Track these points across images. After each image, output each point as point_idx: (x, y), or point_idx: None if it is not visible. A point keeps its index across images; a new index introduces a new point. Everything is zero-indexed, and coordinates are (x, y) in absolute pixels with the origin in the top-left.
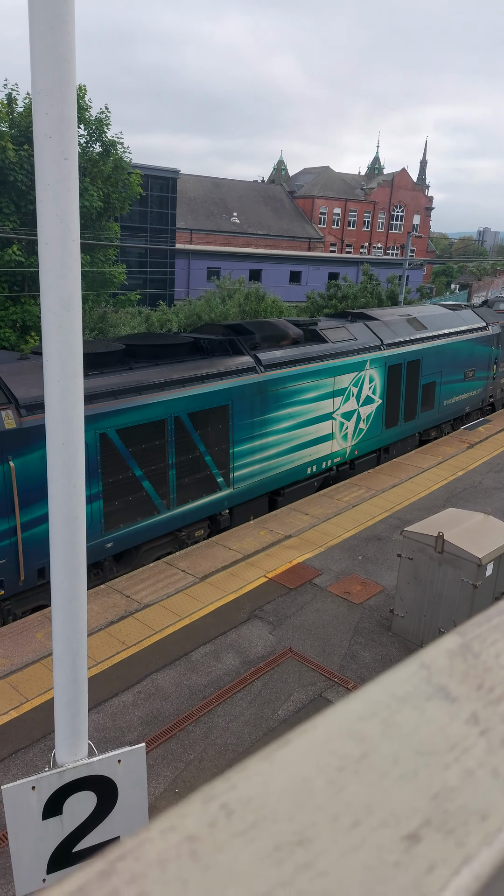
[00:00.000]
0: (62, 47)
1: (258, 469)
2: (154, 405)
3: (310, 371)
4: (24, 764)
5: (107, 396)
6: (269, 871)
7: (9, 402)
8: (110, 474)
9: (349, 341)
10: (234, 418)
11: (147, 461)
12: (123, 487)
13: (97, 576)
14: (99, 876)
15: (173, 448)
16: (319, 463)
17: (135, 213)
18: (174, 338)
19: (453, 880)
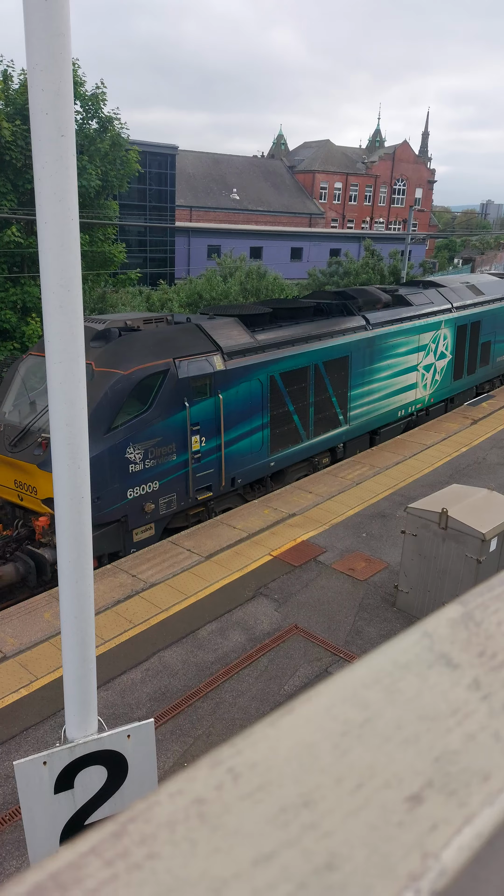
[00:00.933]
0: (57, 21)
1: (365, 411)
2: (301, 355)
3: (402, 329)
4: (35, 740)
5: (271, 348)
6: (276, 831)
7: (217, 350)
8: (273, 409)
9: (428, 304)
10: (351, 367)
11: (296, 399)
12: (281, 419)
13: (259, 490)
14: (111, 837)
15: (312, 390)
16: (406, 408)
17: (133, 191)
18: (303, 302)
19: (455, 839)
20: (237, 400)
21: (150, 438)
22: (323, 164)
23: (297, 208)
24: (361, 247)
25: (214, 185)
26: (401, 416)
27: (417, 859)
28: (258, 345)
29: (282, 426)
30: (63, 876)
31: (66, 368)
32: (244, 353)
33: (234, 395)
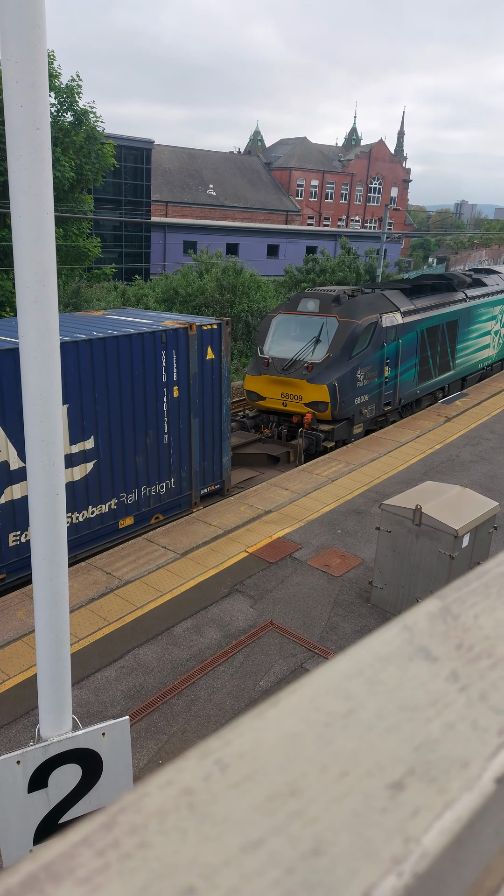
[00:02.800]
0: (31, 12)
1: (462, 361)
2: (436, 316)
3: (484, 303)
4: (8, 740)
5: (422, 311)
6: (263, 819)
7: (397, 309)
8: (420, 353)
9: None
10: (458, 328)
11: (432, 348)
12: (423, 361)
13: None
14: (101, 827)
15: (438, 342)
16: (483, 362)
17: (108, 185)
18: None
19: (436, 823)
20: (406, 345)
21: (366, 366)
22: (300, 161)
23: (273, 205)
24: (338, 244)
25: (190, 180)
26: (479, 368)
27: (400, 843)
28: (415, 308)
29: (424, 366)
30: (55, 866)
31: (40, 364)
32: (410, 313)
33: (405, 341)
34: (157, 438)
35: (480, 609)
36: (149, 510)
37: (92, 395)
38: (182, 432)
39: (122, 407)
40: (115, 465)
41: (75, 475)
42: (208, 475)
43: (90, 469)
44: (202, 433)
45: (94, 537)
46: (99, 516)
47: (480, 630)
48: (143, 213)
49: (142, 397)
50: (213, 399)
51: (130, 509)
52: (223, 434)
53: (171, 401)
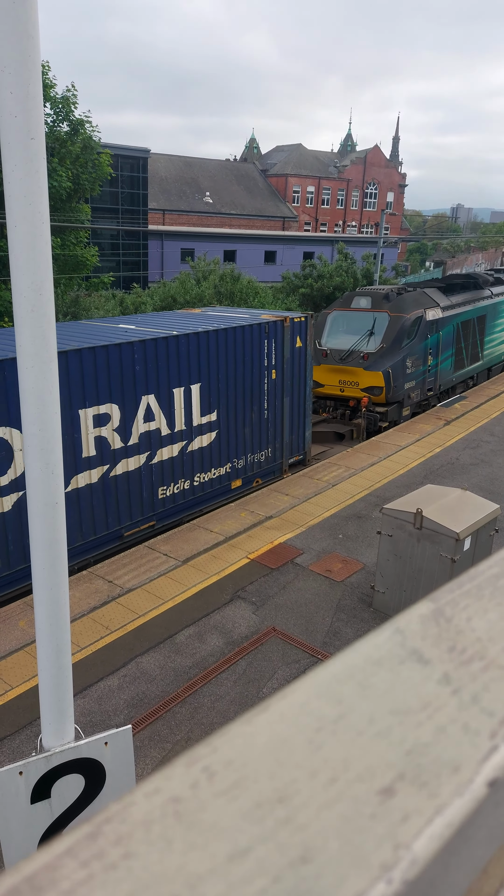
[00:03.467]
0: (24, 23)
1: (489, 352)
2: (468, 311)
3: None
4: (11, 751)
5: (456, 306)
6: (251, 826)
7: (437, 305)
8: (455, 344)
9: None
10: (486, 322)
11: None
12: (458, 352)
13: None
14: (86, 838)
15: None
16: None
17: (105, 195)
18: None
19: (426, 829)
20: (444, 337)
21: (413, 355)
22: (295, 167)
23: (270, 212)
24: (335, 250)
25: (187, 188)
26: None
27: (390, 850)
28: (451, 304)
29: (458, 356)
30: (38, 878)
31: (38, 372)
32: (447, 308)
33: (444, 333)
34: (259, 414)
35: (473, 611)
36: (252, 474)
37: (216, 376)
38: (277, 409)
39: (236, 386)
40: (231, 434)
41: (203, 442)
42: (295, 447)
43: (213, 437)
44: (291, 410)
45: (214, 495)
46: (217, 478)
47: (473, 632)
48: (140, 222)
49: (249, 379)
50: (300, 381)
51: (239, 473)
52: (306, 411)
53: (269, 382)
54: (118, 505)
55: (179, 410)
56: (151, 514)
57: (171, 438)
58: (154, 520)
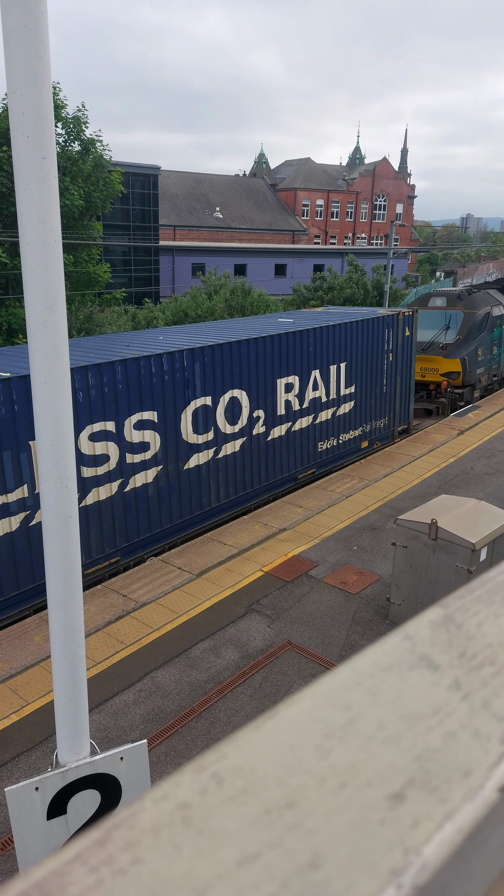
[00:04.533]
0: (36, 45)
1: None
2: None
3: None
4: (28, 766)
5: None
6: (259, 832)
7: (500, 303)
8: None
9: None
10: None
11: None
12: None
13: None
14: (95, 844)
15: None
16: None
17: (117, 212)
18: None
19: (436, 834)
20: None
21: (483, 346)
22: (304, 181)
23: (279, 225)
24: (345, 262)
25: (197, 204)
26: None
27: (399, 855)
28: None
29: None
30: (47, 884)
31: (51, 388)
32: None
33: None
34: (380, 388)
35: (484, 617)
36: (374, 437)
37: (355, 357)
38: (391, 385)
39: (367, 366)
40: (362, 404)
41: (345, 409)
42: (401, 417)
43: (352, 406)
44: (401, 387)
45: (350, 453)
46: (353, 439)
47: (483, 638)
48: (151, 238)
49: (375, 360)
50: (407, 363)
51: (366, 436)
52: (411, 388)
53: (388, 363)
54: (295, 453)
55: (333, 382)
56: (313, 462)
57: (327, 404)
58: (314, 467)
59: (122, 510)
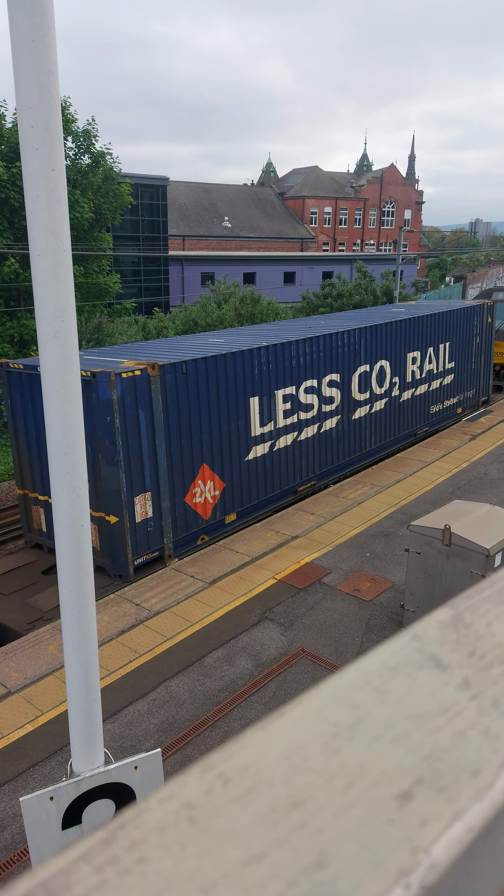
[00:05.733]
0: (44, 59)
1: None
2: None
3: None
4: (43, 777)
5: None
6: (266, 831)
7: None
8: None
9: None
10: None
11: None
12: None
13: None
14: (100, 843)
15: None
16: None
17: (126, 223)
18: None
19: (445, 833)
20: None
21: None
22: (312, 189)
23: (288, 233)
24: (353, 269)
25: (206, 213)
26: None
27: (407, 854)
28: None
29: None
30: (53, 883)
31: (62, 397)
32: None
33: None
34: (471, 365)
35: (493, 616)
36: (465, 405)
37: (454, 338)
38: (478, 363)
39: (462, 346)
40: (458, 377)
41: (448, 380)
42: (483, 390)
43: (451, 378)
44: (483, 365)
45: (449, 416)
46: (451, 406)
47: (493, 637)
48: (160, 248)
49: (468, 341)
50: (488, 345)
51: (460, 403)
52: (490, 367)
53: (475, 344)
54: (416, 413)
55: (441, 358)
56: (426, 423)
57: (437, 375)
58: (427, 426)
59: (318, 446)
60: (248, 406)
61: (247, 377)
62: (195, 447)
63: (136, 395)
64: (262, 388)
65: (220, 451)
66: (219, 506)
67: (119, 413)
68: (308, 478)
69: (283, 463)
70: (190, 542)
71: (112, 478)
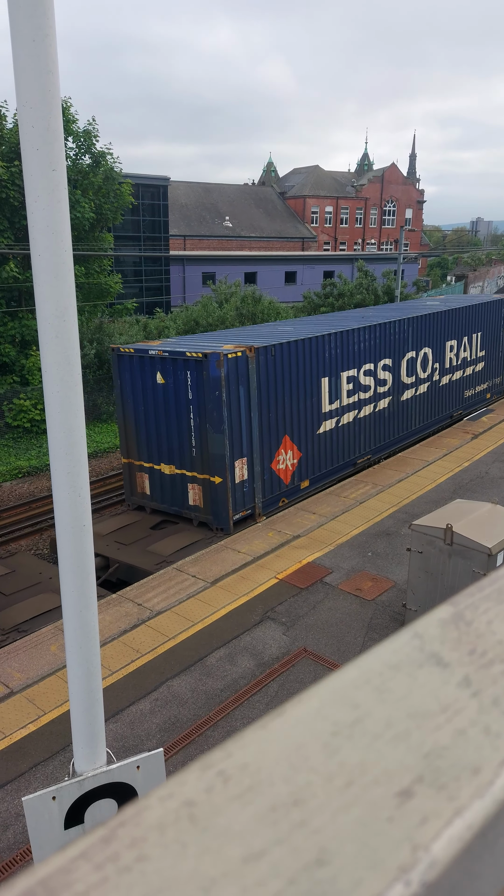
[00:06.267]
0: (45, 59)
1: None
2: None
3: None
4: (45, 777)
5: None
6: (265, 830)
7: None
8: None
9: None
10: None
11: None
12: None
13: None
14: (100, 841)
15: None
16: None
17: (127, 223)
18: None
19: (445, 831)
20: None
21: None
22: (313, 189)
23: (289, 233)
24: (355, 268)
25: (207, 213)
26: None
27: (408, 852)
28: None
29: None
30: (52, 881)
31: (63, 397)
32: None
33: None
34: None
35: (494, 614)
36: (492, 392)
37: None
38: None
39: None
40: (489, 365)
41: (479, 367)
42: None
43: (482, 366)
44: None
45: (478, 401)
46: (481, 391)
47: (494, 635)
48: (161, 248)
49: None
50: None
51: (488, 391)
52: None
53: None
54: (453, 397)
55: (475, 346)
56: (461, 406)
57: (471, 362)
58: (461, 409)
59: (374, 423)
60: (320, 385)
61: (320, 359)
62: (279, 420)
63: (237, 373)
64: (331, 370)
65: (297, 424)
66: (296, 473)
67: (225, 388)
68: (365, 452)
69: (346, 437)
70: (273, 503)
71: (218, 444)
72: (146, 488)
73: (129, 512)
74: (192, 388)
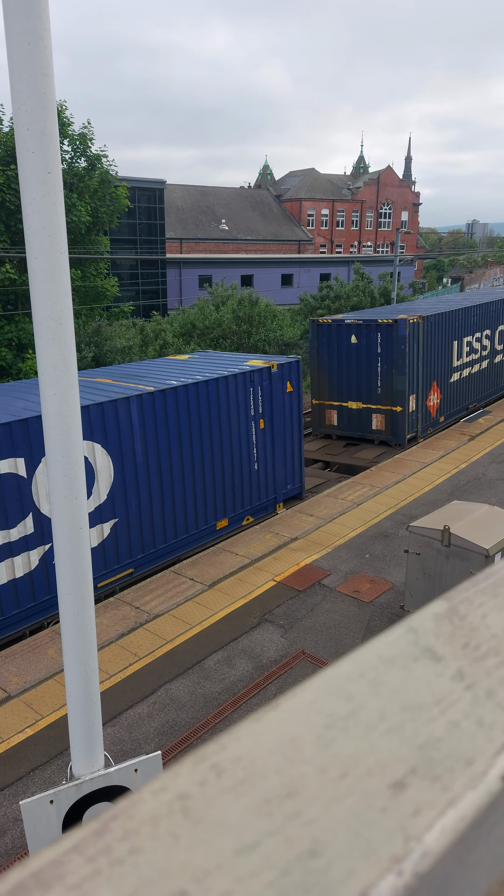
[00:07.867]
0: (40, 63)
1: None
2: None
3: None
4: (43, 781)
5: None
6: (259, 821)
7: None
8: None
9: None
10: None
11: None
12: None
13: None
14: (93, 834)
15: None
16: None
17: (123, 226)
18: None
19: (438, 822)
20: None
21: None
22: (309, 191)
23: (285, 236)
24: (351, 270)
25: (203, 216)
26: None
27: (400, 842)
28: None
29: None
30: (45, 873)
31: (60, 399)
32: None
33: None
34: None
35: (489, 608)
36: None
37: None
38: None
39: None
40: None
41: None
42: None
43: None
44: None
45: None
46: None
47: (488, 629)
48: (158, 251)
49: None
50: None
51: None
52: None
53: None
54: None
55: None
56: (487, 397)
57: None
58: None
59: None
60: (451, 346)
61: (454, 327)
62: (431, 370)
63: (413, 334)
64: (458, 335)
65: (439, 374)
66: (438, 409)
67: (407, 344)
68: (473, 401)
69: (463, 387)
70: (425, 430)
71: (401, 382)
72: (334, 420)
73: (317, 439)
74: (382, 345)
